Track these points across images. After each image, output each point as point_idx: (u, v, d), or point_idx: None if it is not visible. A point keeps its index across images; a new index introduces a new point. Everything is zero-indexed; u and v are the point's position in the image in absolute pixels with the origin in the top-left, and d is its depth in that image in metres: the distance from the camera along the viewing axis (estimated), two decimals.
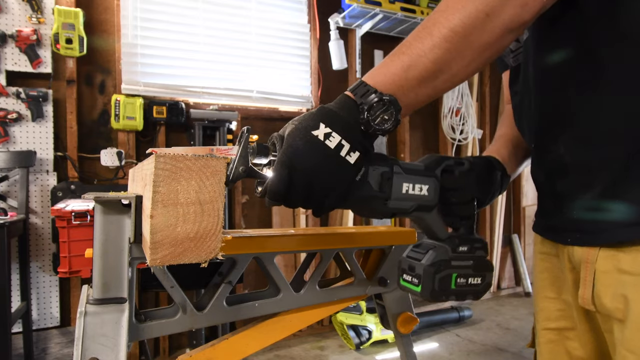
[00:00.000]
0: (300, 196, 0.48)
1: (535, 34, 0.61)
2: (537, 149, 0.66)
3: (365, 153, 0.49)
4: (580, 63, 0.54)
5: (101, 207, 0.59)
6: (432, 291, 0.58)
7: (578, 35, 0.54)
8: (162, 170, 0.45)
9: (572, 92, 0.56)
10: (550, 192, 0.64)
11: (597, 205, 0.54)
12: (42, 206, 2.29)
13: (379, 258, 0.94)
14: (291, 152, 0.46)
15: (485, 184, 0.65)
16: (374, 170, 0.52)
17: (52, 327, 2.30)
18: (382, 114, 0.47)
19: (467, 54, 0.47)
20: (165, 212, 0.46)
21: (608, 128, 0.52)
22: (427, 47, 0.47)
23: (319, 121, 0.47)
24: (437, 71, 0.48)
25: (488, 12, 0.45)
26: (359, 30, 3.08)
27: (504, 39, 0.48)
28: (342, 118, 0.47)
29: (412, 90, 0.49)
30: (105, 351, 0.57)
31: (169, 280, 0.69)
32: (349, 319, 2.61)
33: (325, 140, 0.46)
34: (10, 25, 2.22)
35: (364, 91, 0.48)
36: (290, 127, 0.48)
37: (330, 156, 0.46)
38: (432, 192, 0.56)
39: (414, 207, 0.56)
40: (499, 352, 2.58)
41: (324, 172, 0.47)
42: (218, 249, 0.49)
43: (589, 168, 0.55)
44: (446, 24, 0.46)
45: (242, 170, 0.50)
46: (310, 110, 0.49)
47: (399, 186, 0.53)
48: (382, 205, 0.53)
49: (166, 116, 2.47)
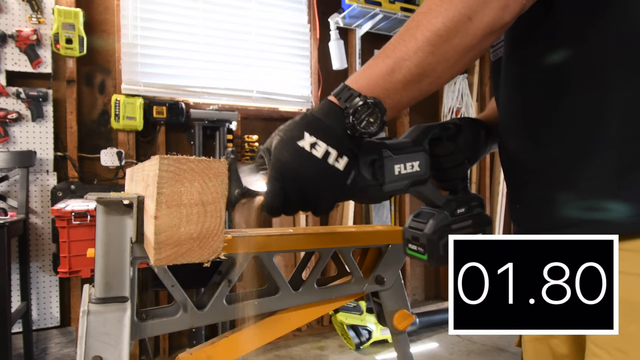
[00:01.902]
0: (295, 207, 0.49)
1: (507, 32, 0.62)
2: (500, 144, 0.69)
3: (354, 156, 0.49)
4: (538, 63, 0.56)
5: (103, 207, 0.60)
6: (439, 257, 0.59)
7: (544, 36, 0.55)
8: (166, 172, 0.46)
9: (526, 91, 0.58)
10: (509, 185, 0.67)
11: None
12: (42, 206, 2.30)
13: (376, 257, 0.95)
14: (280, 166, 0.47)
15: (473, 143, 0.66)
16: (364, 160, 0.52)
17: (52, 327, 2.31)
18: (367, 117, 0.47)
19: (450, 56, 0.48)
20: (169, 213, 0.46)
21: (555, 130, 0.54)
22: (411, 51, 0.47)
23: (303, 130, 0.47)
24: (421, 74, 0.48)
25: (470, 15, 0.46)
26: (359, 30, 3.09)
27: (486, 41, 0.48)
28: (326, 125, 0.48)
29: (397, 93, 0.49)
30: (109, 349, 0.57)
31: (169, 279, 0.70)
32: (349, 319, 2.61)
33: (311, 150, 0.46)
34: (10, 25, 2.23)
35: (347, 95, 0.48)
36: (276, 139, 0.48)
37: (318, 166, 0.47)
38: (424, 166, 0.57)
39: (408, 184, 0.56)
40: (499, 352, 2.59)
41: (315, 181, 0.47)
42: (220, 249, 0.50)
43: (536, 167, 0.58)
44: (429, 27, 0.47)
45: (237, 193, 0.51)
46: (294, 119, 0.49)
47: (391, 169, 0.54)
48: (379, 191, 0.54)
49: (166, 116, 2.48)
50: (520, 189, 0.63)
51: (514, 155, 0.63)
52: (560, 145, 0.54)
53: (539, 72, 0.56)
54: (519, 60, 0.60)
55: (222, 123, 2.51)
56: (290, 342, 2.73)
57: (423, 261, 0.61)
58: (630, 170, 0.49)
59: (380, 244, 0.94)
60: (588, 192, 0.52)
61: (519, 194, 0.63)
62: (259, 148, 0.51)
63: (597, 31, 0.50)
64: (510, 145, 0.63)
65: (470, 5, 0.46)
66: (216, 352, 0.76)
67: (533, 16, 0.50)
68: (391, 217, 3.22)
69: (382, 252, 0.93)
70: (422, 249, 0.61)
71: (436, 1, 0.47)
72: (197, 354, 0.75)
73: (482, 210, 0.65)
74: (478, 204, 0.64)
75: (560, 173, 0.54)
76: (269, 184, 0.48)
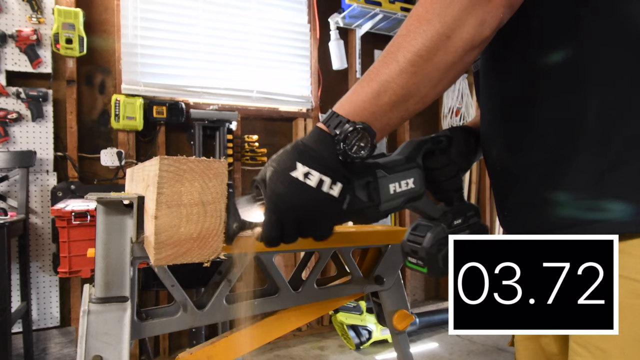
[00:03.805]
0: (294, 236, 0.50)
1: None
2: (484, 154, 0.70)
3: (348, 181, 0.50)
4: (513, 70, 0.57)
5: (103, 207, 0.60)
6: (438, 269, 0.60)
7: (520, 46, 0.56)
8: (167, 172, 0.46)
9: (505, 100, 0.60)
10: (495, 195, 0.68)
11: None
12: (42, 206, 2.30)
13: (376, 257, 0.95)
14: (275, 198, 0.48)
15: (465, 153, 0.67)
16: (359, 183, 0.52)
17: (52, 327, 2.31)
18: (357, 142, 0.48)
19: (433, 75, 0.48)
20: (169, 212, 0.46)
21: (537, 134, 0.55)
22: (394, 73, 0.48)
23: (296, 161, 0.47)
24: (406, 95, 0.49)
25: (448, 33, 0.47)
26: (359, 30, 3.09)
27: (468, 56, 0.49)
28: (318, 153, 0.48)
29: (385, 115, 0.50)
30: (109, 349, 0.58)
31: (169, 279, 0.70)
32: (349, 319, 2.62)
33: (305, 180, 0.47)
34: (10, 25, 2.23)
35: (337, 122, 0.49)
36: (270, 170, 0.49)
37: (313, 195, 0.47)
38: (418, 182, 0.58)
39: (404, 201, 0.57)
40: (498, 352, 2.59)
41: (311, 210, 0.48)
42: (220, 249, 0.50)
43: (514, 174, 0.59)
44: (410, 48, 0.47)
45: (236, 227, 0.52)
46: (286, 149, 0.50)
47: (386, 189, 0.55)
48: (375, 211, 0.54)
49: (166, 116, 2.48)
50: (506, 196, 0.63)
51: (498, 163, 0.63)
52: (542, 150, 0.55)
53: (519, 79, 0.57)
54: (497, 69, 0.61)
55: (222, 123, 2.51)
56: (290, 342, 2.73)
57: (423, 274, 0.62)
58: (611, 170, 0.49)
59: (380, 244, 0.94)
60: (578, 192, 0.52)
61: (506, 202, 0.64)
62: (254, 179, 0.52)
63: (573, 37, 0.51)
64: (494, 154, 0.64)
65: (447, 23, 0.46)
66: (216, 352, 0.76)
67: (507, 27, 0.51)
68: (391, 218, 3.23)
69: (382, 252, 0.93)
70: (421, 262, 0.61)
71: (414, 22, 0.48)
72: (197, 353, 0.75)
73: (479, 219, 0.65)
74: (474, 214, 0.65)
75: (544, 177, 0.55)
76: (265, 216, 0.49)
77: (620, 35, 0.48)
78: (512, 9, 0.49)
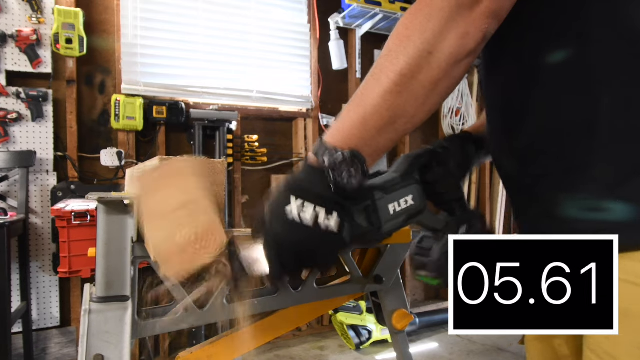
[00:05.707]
0: (297, 272, 0.51)
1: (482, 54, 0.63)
2: (495, 165, 0.69)
3: (343, 208, 0.49)
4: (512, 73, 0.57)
5: (104, 207, 0.60)
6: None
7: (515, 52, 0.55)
8: (143, 188, 0.46)
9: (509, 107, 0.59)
10: (512, 204, 0.67)
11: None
12: (42, 206, 2.30)
13: (375, 256, 0.95)
14: (274, 236, 0.48)
15: (463, 163, 0.67)
16: (357, 208, 0.52)
17: (52, 327, 2.31)
18: (347, 170, 0.47)
19: (420, 93, 0.47)
20: (159, 226, 0.47)
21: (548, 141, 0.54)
22: (379, 95, 0.47)
23: (289, 195, 0.47)
24: (393, 116, 0.48)
25: (430, 49, 0.46)
26: (359, 30, 3.09)
27: (454, 71, 0.48)
28: (310, 185, 0.48)
29: (374, 140, 0.49)
30: (110, 348, 0.58)
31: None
32: (349, 319, 2.62)
33: (300, 214, 0.46)
34: (10, 25, 2.23)
35: (325, 152, 0.48)
36: (267, 209, 0.49)
37: (309, 228, 0.47)
38: (418, 198, 0.57)
39: (405, 219, 0.57)
40: (499, 352, 2.59)
41: (308, 244, 0.48)
42: (225, 239, 0.51)
43: (527, 185, 0.58)
44: (392, 68, 0.47)
45: (242, 277, 0.52)
46: (279, 185, 0.50)
47: (385, 210, 0.54)
48: (377, 234, 0.54)
49: (166, 116, 2.48)
50: (524, 205, 0.62)
51: (509, 173, 0.62)
52: (554, 158, 0.53)
53: (518, 83, 0.56)
54: (495, 73, 0.60)
55: (222, 123, 2.51)
56: (290, 342, 2.73)
57: (437, 286, 0.62)
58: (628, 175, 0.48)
59: (380, 244, 0.94)
60: (589, 195, 0.51)
61: (525, 215, 0.62)
62: (257, 219, 0.51)
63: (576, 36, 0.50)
64: (504, 165, 0.63)
65: (428, 40, 0.46)
66: (216, 352, 0.76)
67: (501, 34, 0.50)
68: None
69: (382, 251, 0.94)
70: (431, 275, 0.61)
71: (395, 42, 0.48)
72: (197, 353, 0.75)
73: (483, 227, 0.64)
74: (478, 221, 0.64)
75: (558, 186, 0.54)
76: (266, 257, 0.49)
77: (623, 35, 0.48)
78: (498, 19, 0.48)
